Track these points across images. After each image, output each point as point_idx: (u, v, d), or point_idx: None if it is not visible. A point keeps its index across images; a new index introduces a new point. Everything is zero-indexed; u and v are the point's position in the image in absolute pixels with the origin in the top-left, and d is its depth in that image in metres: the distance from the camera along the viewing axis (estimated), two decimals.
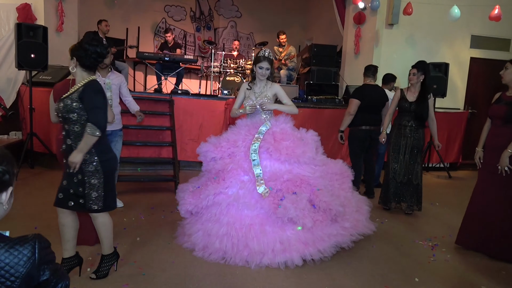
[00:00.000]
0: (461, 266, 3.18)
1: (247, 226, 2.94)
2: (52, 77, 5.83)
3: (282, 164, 3.15)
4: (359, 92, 4.84)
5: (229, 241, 2.93)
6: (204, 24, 11.20)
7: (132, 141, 5.33)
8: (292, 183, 3.05)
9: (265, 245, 2.88)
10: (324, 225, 2.98)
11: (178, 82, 7.42)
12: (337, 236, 3.02)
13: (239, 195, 3.02)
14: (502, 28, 7.39)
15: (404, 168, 4.32)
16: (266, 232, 2.93)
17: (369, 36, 7.33)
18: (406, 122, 4.29)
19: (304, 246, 2.90)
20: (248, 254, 2.87)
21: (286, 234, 2.93)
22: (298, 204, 2.89)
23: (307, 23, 11.45)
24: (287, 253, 2.87)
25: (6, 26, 6.28)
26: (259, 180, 3.05)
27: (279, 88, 3.49)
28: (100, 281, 2.56)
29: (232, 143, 3.28)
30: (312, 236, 2.93)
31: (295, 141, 3.21)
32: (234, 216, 2.99)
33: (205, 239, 3.02)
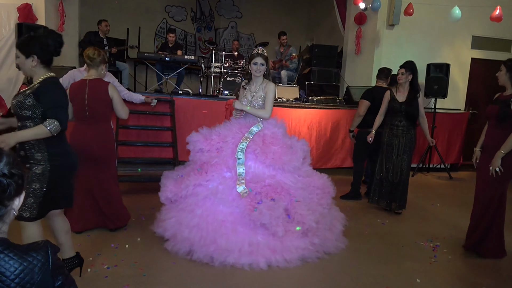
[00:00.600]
0: (462, 267, 3.18)
1: (219, 222, 2.92)
2: None
3: (266, 167, 3.15)
4: (370, 93, 4.84)
5: (198, 233, 2.92)
6: (205, 24, 11.20)
7: (133, 142, 5.32)
8: (272, 188, 3.04)
9: (233, 244, 2.86)
10: (295, 237, 2.98)
11: (179, 83, 7.41)
12: (304, 250, 2.98)
13: (218, 190, 3.01)
14: (503, 29, 7.38)
15: (397, 168, 4.35)
16: (237, 231, 2.92)
17: (370, 37, 7.33)
18: (398, 122, 4.32)
19: (271, 253, 2.90)
20: (214, 250, 2.85)
21: (256, 238, 2.92)
22: (274, 212, 2.88)
23: (308, 23, 11.45)
24: (253, 256, 2.86)
25: (7, 26, 6.28)
26: (240, 179, 3.05)
27: (271, 90, 3.36)
28: (100, 282, 2.55)
29: (222, 138, 3.29)
30: (281, 245, 2.93)
31: (283, 147, 3.21)
32: (209, 209, 2.98)
33: (176, 227, 3.03)
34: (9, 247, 1.03)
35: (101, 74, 3.37)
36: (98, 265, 2.77)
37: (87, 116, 3.25)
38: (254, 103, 3.36)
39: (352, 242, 3.43)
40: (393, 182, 4.39)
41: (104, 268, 2.74)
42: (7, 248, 1.02)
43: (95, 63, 3.31)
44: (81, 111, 3.24)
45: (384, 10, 7.12)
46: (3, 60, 6.04)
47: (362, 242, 3.51)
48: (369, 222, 4.12)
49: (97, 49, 3.34)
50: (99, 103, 3.26)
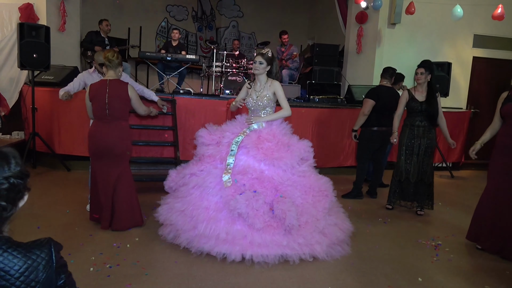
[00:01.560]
0: (464, 266, 3.17)
1: (202, 208, 3.02)
2: (54, 77, 5.83)
3: (257, 162, 3.20)
4: (375, 92, 4.81)
5: (182, 218, 3.06)
6: (206, 24, 11.20)
7: (135, 141, 5.32)
8: (258, 182, 3.09)
9: (212, 231, 2.92)
10: (276, 233, 2.96)
11: (180, 82, 7.41)
12: (285, 248, 2.93)
13: (206, 179, 3.14)
14: (505, 28, 7.36)
15: (417, 169, 4.32)
16: (218, 219, 2.98)
17: (371, 36, 7.31)
18: (419, 123, 4.27)
19: (248, 245, 2.91)
20: (195, 236, 2.97)
21: (236, 228, 2.95)
22: (251, 202, 2.91)
23: (309, 22, 11.44)
24: (229, 245, 2.90)
25: (8, 26, 6.29)
26: (227, 169, 3.15)
27: (279, 87, 3.45)
28: (103, 281, 2.56)
29: (222, 133, 3.42)
30: (259, 238, 2.92)
31: (278, 144, 3.25)
32: (197, 197, 3.11)
33: (168, 212, 3.19)
34: (13, 245, 1.03)
35: (118, 75, 3.53)
36: (100, 264, 2.77)
37: (107, 114, 3.39)
38: (259, 102, 3.43)
39: (354, 241, 3.43)
40: (414, 183, 4.35)
41: (107, 267, 2.74)
42: (11, 246, 1.02)
43: (114, 65, 3.46)
44: (102, 109, 3.38)
45: (385, 9, 7.11)
46: (5, 60, 6.06)
47: (363, 241, 3.51)
48: (371, 221, 4.12)
49: (116, 52, 3.51)
50: (119, 102, 3.41)
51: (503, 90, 3.57)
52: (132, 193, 3.56)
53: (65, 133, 5.56)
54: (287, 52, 7.83)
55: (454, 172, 6.94)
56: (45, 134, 5.46)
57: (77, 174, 5.35)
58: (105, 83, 3.42)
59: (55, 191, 4.55)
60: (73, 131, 5.50)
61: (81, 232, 3.38)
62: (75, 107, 5.32)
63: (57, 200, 4.23)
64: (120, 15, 9.68)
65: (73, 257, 2.84)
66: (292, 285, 2.67)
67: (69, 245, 3.05)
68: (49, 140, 5.52)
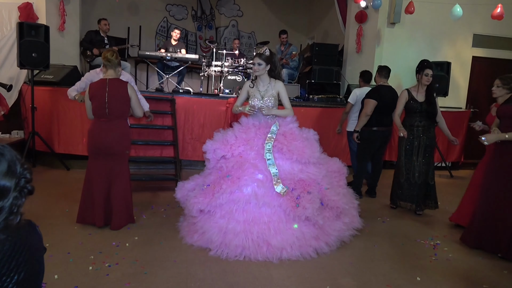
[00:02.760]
0: (463, 265, 3.18)
1: (266, 223, 3.03)
2: (53, 76, 5.83)
3: (294, 163, 3.27)
4: (377, 92, 4.78)
5: (248, 238, 2.98)
6: (206, 23, 11.19)
7: (134, 140, 5.32)
8: (304, 182, 3.17)
9: (284, 241, 3.01)
10: (331, 221, 3.21)
11: (180, 81, 7.42)
12: (340, 231, 3.23)
13: (258, 193, 3.05)
14: (505, 27, 7.35)
15: (418, 169, 4.31)
16: (284, 229, 3.06)
17: (371, 35, 7.32)
18: (418, 123, 4.28)
19: (315, 241, 3.10)
20: (267, 250, 2.97)
21: (302, 231, 3.08)
22: (314, 204, 3.02)
23: (309, 22, 11.43)
24: (303, 248, 3.04)
25: (8, 25, 6.29)
26: (276, 179, 3.13)
27: (282, 87, 3.53)
28: (102, 280, 2.56)
29: (243, 142, 3.32)
30: (322, 232, 3.14)
31: (303, 141, 3.33)
32: (253, 213, 3.04)
33: (221, 236, 3.03)
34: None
35: (118, 74, 3.54)
36: (99, 263, 2.78)
37: (106, 113, 3.39)
38: (268, 102, 3.46)
39: (353, 240, 3.44)
40: (416, 184, 4.35)
41: (106, 266, 2.75)
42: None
43: (113, 64, 3.47)
44: (101, 108, 3.39)
45: (385, 8, 7.11)
46: (4, 59, 6.06)
47: (362, 240, 3.52)
48: (370, 220, 4.12)
49: (115, 52, 3.53)
50: (118, 101, 3.42)
51: None
52: (127, 191, 3.56)
53: (64, 132, 5.56)
54: (287, 52, 7.83)
55: (454, 171, 6.94)
56: (44, 133, 5.47)
57: (76, 173, 5.35)
58: (104, 82, 3.42)
59: (55, 190, 4.55)
60: (73, 130, 5.51)
61: (80, 231, 3.38)
62: (75, 107, 5.33)
63: (56, 199, 4.23)
64: (120, 14, 9.67)
65: (72, 256, 2.85)
66: (290, 284, 2.67)
67: (68, 244, 3.06)
68: (49, 139, 5.52)
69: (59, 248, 2.96)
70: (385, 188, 4.92)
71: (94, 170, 3.44)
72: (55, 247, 2.97)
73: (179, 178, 4.87)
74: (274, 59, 3.51)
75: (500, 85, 3.64)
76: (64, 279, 2.52)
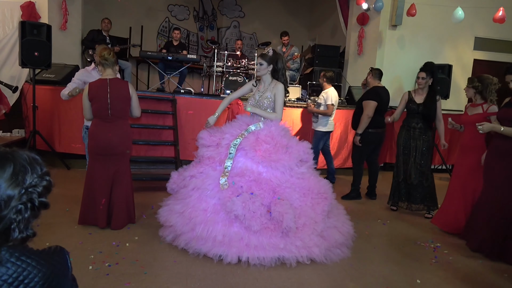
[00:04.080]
0: (463, 268, 3.17)
1: (200, 211, 3.02)
2: (55, 76, 5.84)
3: (255, 164, 3.18)
4: (376, 94, 4.78)
5: (181, 220, 3.06)
6: (207, 23, 11.20)
7: (135, 140, 5.32)
8: (256, 184, 3.07)
9: (209, 232, 2.92)
10: (273, 235, 2.94)
11: (181, 82, 7.42)
12: (283, 250, 2.91)
13: (204, 181, 3.14)
14: (506, 30, 7.36)
15: (415, 170, 4.33)
16: (215, 221, 2.98)
17: (372, 37, 7.32)
18: (415, 124, 4.31)
19: (245, 247, 2.90)
20: (192, 237, 2.97)
21: (233, 230, 2.95)
22: (248, 204, 2.89)
23: (311, 23, 11.44)
24: (225, 247, 2.90)
25: (10, 24, 6.30)
26: (224, 172, 3.15)
27: (280, 90, 3.40)
28: (102, 280, 2.56)
29: (222, 134, 3.41)
30: (256, 240, 2.91)
31: (276, 146, 3.22)
32: (195, 199, 3.11)
33: (168, 213, 3.20)
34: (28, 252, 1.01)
35: (115, 73, 3.54)
36: (99, 263, 2.78)
37: (109, 114, 3.37)
38: (261, 103, 3.43)
39: (353, 242, 3.42)
40: (411, 184, 4.37)
41: (106, 266, 2.75)
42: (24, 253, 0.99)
43: (110, 63, 3.45)
44: (104, 109, 3.36)
45: (386, 11, 7.11)
46: (6, 58, 6.06)
47: (362, 242, 3.51)
48: (370, 222, 4.12)
49: (111, 50, 3.50)
50: (120, 101, 3.41)
51: (503, 93, 3.59)
52: (129, 191, 3.56)
53: (65, 132, 5.57)
54: (288, 53, 7.83)
55: None
56: (45, 132, 5.47)
57: (76, 173, 5.35)
58: (105, 82, 3.38)
59: (55, 189, 4.50)
60: (74, 130, 5.50)
61: (80, 230, 3.38)
62: (76, 106, 5.33)
63: (56, 198, 4.23)
64: (122, 14, 9.68)
65: (72, 256, 2.82)
66: (290, 285, 2.67)
67: (68, 243, 3.06)
68: (50, 138, 5.53)
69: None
70: (387, 190, 4.91)
71: (95, 171, 3.43)
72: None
73: None
74: (278, 60, 3.45)
75: (466, 85, 3.87)
76: None
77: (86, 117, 3.50)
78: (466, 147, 3.88)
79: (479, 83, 3.79)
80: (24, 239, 1.02)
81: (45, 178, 1.09)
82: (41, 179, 1.07)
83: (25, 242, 1.02)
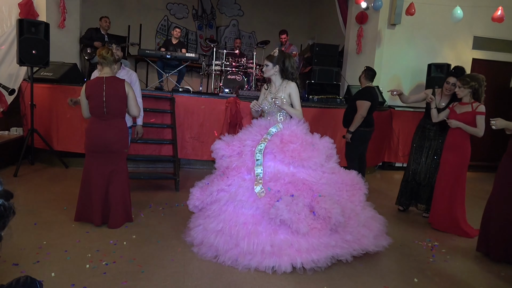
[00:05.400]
0: (460, 267, 3.18)
1: (240, 225, 2.88)
2: (53, 74, 5.82)
3: (286, 166, 3.08)
4: (370, 94, 4.80)
5: (221, 238, 2.89)
6: (206, 22, 11.19)
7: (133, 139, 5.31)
8: (293, 186, 2.97)
9: (255, 246, 2.79)
10: (322, 234, 2.83)
11: (180, 80, 7.41)
12: (335, 248, 2.84)
13: (237, 193, 2.99)
14: (505, 30, 7.36)
15: (425, 170, 4.34)
16: (258, 232, 2.84)
17: (371, 36, 7.32)
18: (431, 126, 4.31)
19: (296, 253, 2.78)
20: (238, 253, 2.83)
21: (279, 238, 2.82)
22: (292, 207, 2.79)
23: (309, 22, 11.44)
24: (276, 257, 2.77)
25: (8, 22, 6.27)
26: (257, 180, 3.01)
27: (294, 89, 3.38)
28: (99, 278, 2.56)
29: (242, 142, 3.29)
30: (306, 243, 2.80)
31: (303, 144, 3.13)
32: (231, 213, 2.96)
33: (203, 233, 3.03)
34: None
35: (113, 72, 3.53)
36: (96, 262, 2.77)
37: (104, 112, 3.36)
38: (274, 104, 3.37)
39: None
40: (420, 184, 4.38)
41: (103, 264, 2.74)
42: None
43: (109, 62, 3.44)
44: (99, 108, 3.35)
45: (385, 10, 7.11)
46: (4, 56, 6.04)
47: None
48: None
49: (110, 49, 3.49)
50: (116, 99, 3.39)
51: (502, 93, 3.59)
52: (125, 190, 3.55)
53: (63, 130, 5.56)
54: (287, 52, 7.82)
55: None
56: (43, 131, 5.46)
57: (74, 171, 5.34)
58: (101, 80, 3.38)
59: (53, 188, 4.54)
60: (72, 128, 5.50)
61: (78, 228, 3.38)
62: None
63: (54, 196, 4.22)
64: (120, 13, 9.67)
65: (70, 254, 2.84)
66: (288, 284, 2.67)
67: (66, 241, 3.06)
68: (47, 136, 5.52)
69: (56, 246, 2.95)
70: (384, 190, 4.91)
71: (92, 169, 3.42)
72: (53, 245, 2.96)
73: (177, 177, 4.87)
74: (284, 59, 3.40)
75: (461, 86, 3.77)
76: (61, 277, 2.52)
77: (84, 116, 3.50)
78: (453, 145, 3.88)
79: (475, 82, 3.73)
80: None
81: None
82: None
83: None
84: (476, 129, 3.69)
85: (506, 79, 7.79)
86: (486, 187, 3.86)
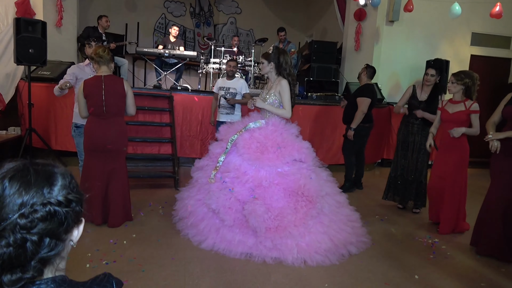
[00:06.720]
0: (460, 263, 3.18)
1: (195, 200, 3.37)
2: (51, 73, 5.79)
3: (244, 161, 3.21)
4: (370, 91, 4.88)
5: (183, 207, 3.47)
6: (204, 20, 11.15)
7: (132, 137, 5.30)
8: (238, 181, 3.15)
9: (196, 221, 3.29)
10: (245, 232, 3.08)
11: (178, 78, 7.39)
12: (251, 248, 3.01)
13: (205, 175, 3.39)
14: (503, 26, 7.37)
15: (413, 165, 4.35)
16: (197, 213, 3.33)
17: (369, 33, 7.31)
18: (414, 120, 4.32)
19: (219, 238, 3.12)
20: (189, 225, 3.32)
21: (214, 221, 3.22)
22: (222, 200, 3.05)
23: (308, 19, 11.40)
24: (204, 236, 3.19)
25: (4, 20, 6.23)
26: (216, 166, 3.29)
27: (284, 87, 3.34)
28: None
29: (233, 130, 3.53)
30: (230, 233, 3.10)
31: (266, 146, 3.18)
32: (196, 191, 3.43)
33: (181, 208, 3.52)
34: (71, 285, 0.88)
35: (111, 70, 3.51)
36: (96, 261, 2.76)
37: (104, 111, 3.35)
38: (266, 100, 3.41)
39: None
40: (407, 180, 4.39)
41: (103, 263, 2.74)
42: (69, 287, 0.87)
43: (106, 60, 3.43)
44: (99, 106, 3.34)
45: (383, 6, 7.10)
46: (1, 55, 6.00)
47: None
48: (368, 218, 4.12)
49: (107, 48, 3.48)
50: (115, 98, 3.39)
51: (500, 88, 3.58)
52: (125, 189, 3.55)
53: (61, 129, 5.53)
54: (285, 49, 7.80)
55: None
56: (41, 130, 5.43)
57: (73, 170, 5.27)
58: (100, 79, 3.36)
59: None
60: (70, 127, 5.44)
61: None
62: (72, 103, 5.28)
63: None
64: (118, 11, 9.62)
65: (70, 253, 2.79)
66: (289, 282, 2.67)
67: None
68: (46, 136, 5.49)
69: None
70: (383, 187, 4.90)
71: (91, 168, 3.41)
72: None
73: (176, 175, 4.86)
74: (279, 56, 3.38)
75: (455, 81, 3.74)
76: None
77: (82, 115, 3.46)
78: (452, 145, 3.75)
79: (469, 79, 3.67)
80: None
81: (67, 185, 0.90)
82: (64, 188, 0.89)
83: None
84: (473, 129, 3.61)
85: (504, 75, 7.79)
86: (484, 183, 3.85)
